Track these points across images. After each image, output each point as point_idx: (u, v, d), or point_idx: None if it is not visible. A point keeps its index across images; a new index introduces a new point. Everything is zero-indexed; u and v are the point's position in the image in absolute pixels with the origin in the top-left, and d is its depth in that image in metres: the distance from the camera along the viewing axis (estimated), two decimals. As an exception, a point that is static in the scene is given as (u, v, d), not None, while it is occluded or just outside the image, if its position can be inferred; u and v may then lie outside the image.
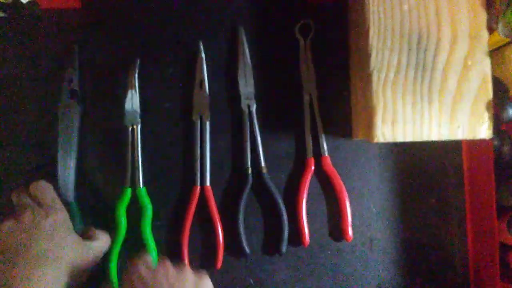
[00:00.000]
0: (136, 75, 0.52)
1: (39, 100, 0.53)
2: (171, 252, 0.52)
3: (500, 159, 0.52)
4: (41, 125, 0.53)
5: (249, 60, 0.53)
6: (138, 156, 0.52)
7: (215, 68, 0.54)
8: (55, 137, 0.51)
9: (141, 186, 0.51)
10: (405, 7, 0.44)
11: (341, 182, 0.53)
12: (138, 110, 0.52)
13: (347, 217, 0.53)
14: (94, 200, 0.52)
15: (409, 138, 0.44)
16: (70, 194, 0.51)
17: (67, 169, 0.51)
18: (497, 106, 0.44)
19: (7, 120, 0.53)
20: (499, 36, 0.45)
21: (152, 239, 0.51)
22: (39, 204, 0.44)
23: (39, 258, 0.39)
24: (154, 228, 0.52)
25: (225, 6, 0.55)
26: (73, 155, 0.51)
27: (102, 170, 0.53)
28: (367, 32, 0.44)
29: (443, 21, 0.44)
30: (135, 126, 0.52)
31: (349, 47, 0.54)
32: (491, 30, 0.45)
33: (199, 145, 0.53)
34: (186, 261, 0.52)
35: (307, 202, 0.53)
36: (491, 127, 0.44)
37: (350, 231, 0.53)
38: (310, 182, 0.53)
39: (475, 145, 0.54)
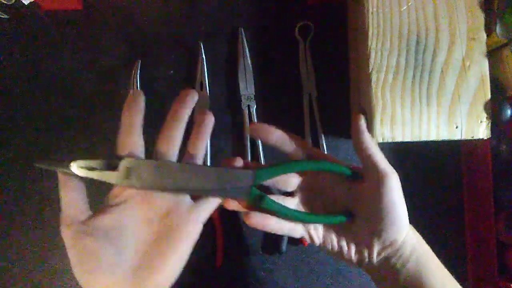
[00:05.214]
0: (138, 76, 0.53)
1: (40, 101, 0.53)
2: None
3: (498, 159, 0.53)
4: (43, 126, 0.53)
5: (249, 61, 0.54)
6: (139, 156, 0.52)
7: (215, 69, 0.54)
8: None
9: (143, 186, 0.52)
10: (404, 8, 0.45)
11: (341, 182, 0.53)
12: (139, 110, 0.52)
13: (347, 216, 0.53)
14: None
15: (407, 139, 0.44)
16: None
17: None
18: (495, 106, 0.45)
19: (9, 120, 0.53)
20: (497, 37, 0.46)
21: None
22: None
23: None
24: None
25: (225, 7, 0.55)
26: None
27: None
28: (366, 33, 0.44)
29: (441, 22, 0.44)
30: (136, 127, 0.52)
31: (348, 48, 0.54)
32: (489, 31, 0.45)
33: (200, 145, 0.53)
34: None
35: (307, 201, 0.53)
36: (489, 127, 0.45)
37: (349, 230, 0.53)
38: (310, 181, 0.54)
39: (473, 145, 0.54)
